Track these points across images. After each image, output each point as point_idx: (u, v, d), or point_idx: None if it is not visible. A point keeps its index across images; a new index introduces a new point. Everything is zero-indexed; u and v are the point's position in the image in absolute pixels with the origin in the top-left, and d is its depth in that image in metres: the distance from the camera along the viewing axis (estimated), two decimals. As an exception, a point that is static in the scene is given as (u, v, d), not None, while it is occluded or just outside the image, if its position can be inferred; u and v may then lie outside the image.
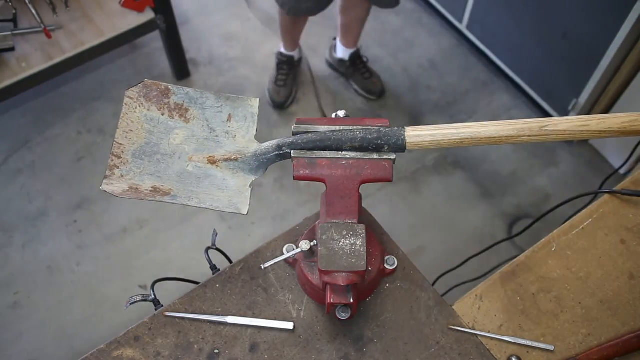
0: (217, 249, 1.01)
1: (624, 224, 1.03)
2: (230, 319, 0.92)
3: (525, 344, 0.91)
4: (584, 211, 1.06)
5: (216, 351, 0.91)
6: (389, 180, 0.87)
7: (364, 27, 2.46)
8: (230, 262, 1.02)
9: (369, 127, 0.87)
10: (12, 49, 2.10)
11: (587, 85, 2.17)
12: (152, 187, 0.88)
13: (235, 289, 0.96)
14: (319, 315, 0.94)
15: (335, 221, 0.86)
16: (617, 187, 1.08)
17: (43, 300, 2.08)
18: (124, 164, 0.89)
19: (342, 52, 2.57)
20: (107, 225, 2.24)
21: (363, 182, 0.87)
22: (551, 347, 0.91)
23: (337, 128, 0.89)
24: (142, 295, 0.92)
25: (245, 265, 0.99)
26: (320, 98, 2.56)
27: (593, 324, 0.94)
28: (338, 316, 0.88)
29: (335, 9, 2.35)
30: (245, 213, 0.87)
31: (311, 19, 2.37)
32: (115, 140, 0.90)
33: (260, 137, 0.94)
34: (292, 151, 0.88)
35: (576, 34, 2.10)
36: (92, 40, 2.19)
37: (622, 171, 2.03)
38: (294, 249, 0.94)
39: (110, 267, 2.16)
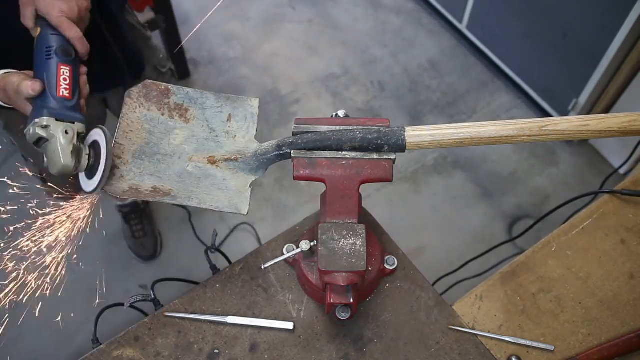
0: (217, 249, 1.01)
1: (624, 224, 1.03)
2: (230, 319, 0.92)
3: (525, 344, 0.91)
4: (584, 211, 1.06)
5: (216, 351, 0.91)
6: (389, 180, 0.87)
7: None
8: (230, 262, 1.02)
9: (369, 127, 0.87)
10: (12, 49, 2.10)
11: (587, 85, 2.16)
12: (152, 187, 0.88)
13: (235, 289, 0.96)
14: (319, 315, 0.94)
15: (335, 221, 0.86)
16: (617, 187, 1.08)
17: (43, 300, 2.08)
18: (124, 164, 0.89)
19: None
20: (107, 225, 2.24)
21: (363, 182, 0.87)
22: (551, 347, 0.91)
23: (337, 128, 0.89)
24: (142, 295, 0.92)
25: (245, 265, 0.99)
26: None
27: (593, 324, 0.94)
28: (338, 316, 0.88)
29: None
30: (245, 213, 0.87)
31: None
32: (115, 140, 0.90)
33: (260, 137, 0.94)
34: (292, 151, 0.88)
35: (576, 34, 2.10)
36: (92, 40, 2.18)
37: (622, 171, 2.02)
38: (294, 249, 0.94)
39: (110, 267, 2.16)
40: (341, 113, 0.92)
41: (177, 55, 2.53)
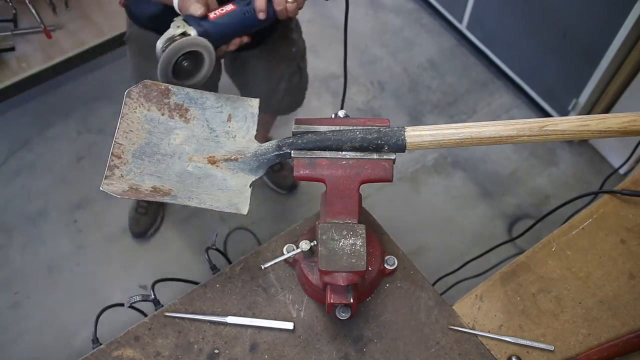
0: (217, 249, 1.01)
1: (624, 224, 1.03)
2: (230, 319, 0.92)
3: (525, 344, 0.91)
4: (584, 211, 1.06)
5: (216, 351, 0.91)
6: (389, 180, 0.87)
7: (271, 126, 2.21)
8: (230, 262, 1.02)
9: (369, 127, 0.87)
10: (12, 49, 2.10)
11: (587, 85, 2.16)
12: (152, 187, 0.88)
13: (235, 289, 0.96)
14: (319, 315, 0.94)
15: (335, 221, 0.86)
16: (617, 187, 1.08)
17: (43, 300, 2.08)
18: (124, 164, 0.89)
19: None
20: (107, 225, 2.24)
21: (363, 182, 0.87)
22: (551, 347, 0.91)
23: (337, 128, 0.89)
24: (142, 295, 0.92)
25: (245, 265, 0.99)
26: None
27: (593, 324, 0.94)
28: (338, 316, 0.88)
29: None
30: (245, 213, 0.87)
31: None
32: (115, 140, 0.90)
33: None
34: (292, 151, 0.88)
35: (576, 34, 2.10)
36: (92, 40, 2.19)
37: (622, 171, 2.03)
38: (294, 249, 0.94)
39: (110, 267, 2.16)
40: (341, 113, 0.92)
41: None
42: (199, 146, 0.93)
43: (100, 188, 0.86)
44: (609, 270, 0.98)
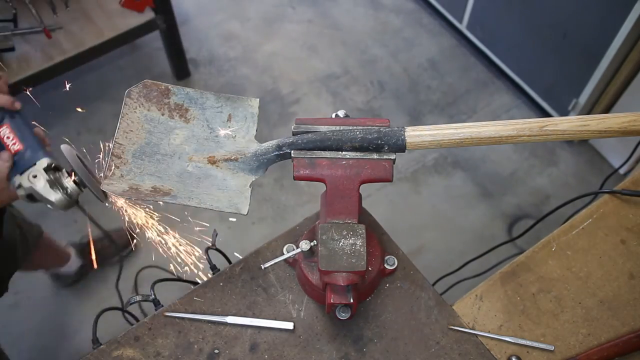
0: (217, 249, 1.01)
1: (624, 224, 1.03)
2: (230, 319, 0.92)
3: (525, 344, 0.91)
4: (584, 211, 1.06)
5: (216, 351, 0.91)
6: (389, 180, 0.87)
7: None
8: (230, 262, 1.02)
9: (369, 127, 0.87)
10: (12, 49, 2.10)
11: (587, 85, 2.17)
12: (152, 187, 0.88)
13: (235, 289, 0.96)
14: (319, 315, 0.94)
15: (335, 221, 0.86)
16: (617, 187, 1.08)
17: (43, 300, 2.08)
18: (124, 164, 0.89)
19: None
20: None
21: (363, 182, 0.87)
22: (551, 347, 0.91)
23: (337, 128, 0.89)
24: (142, 295, 0.92)
25: (245, 265, 0.99)
26: None
27: (593, 324, 0.94)
28: (338, 316, 0.88)
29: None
30: (245, 213, 0.87)
31: None
32: (115, 140, 0.90)
33: (260, 137, 0.94)
34: (292, 151, 0.88)
35: (576, 34, 2.10)
36: (92, 40, 2.19)
37: (622, 171, 2.03)
38: (294, 249, 0.94)
39: (110, 267, 2.16)
40: (341, 113, 0.92)
41: (177, 55, 2.53)
42: (199, 146, 0.93)
43: (100, 188, 0.86)
44: (609, 270, 0.98)
